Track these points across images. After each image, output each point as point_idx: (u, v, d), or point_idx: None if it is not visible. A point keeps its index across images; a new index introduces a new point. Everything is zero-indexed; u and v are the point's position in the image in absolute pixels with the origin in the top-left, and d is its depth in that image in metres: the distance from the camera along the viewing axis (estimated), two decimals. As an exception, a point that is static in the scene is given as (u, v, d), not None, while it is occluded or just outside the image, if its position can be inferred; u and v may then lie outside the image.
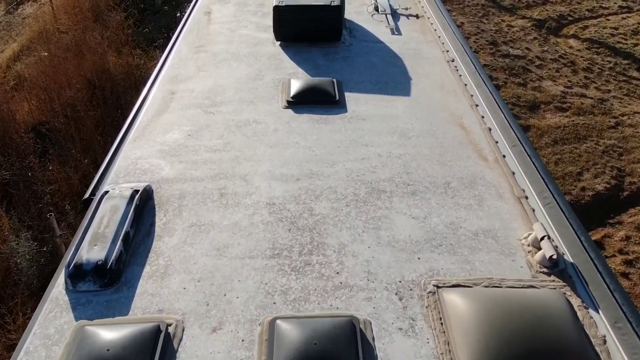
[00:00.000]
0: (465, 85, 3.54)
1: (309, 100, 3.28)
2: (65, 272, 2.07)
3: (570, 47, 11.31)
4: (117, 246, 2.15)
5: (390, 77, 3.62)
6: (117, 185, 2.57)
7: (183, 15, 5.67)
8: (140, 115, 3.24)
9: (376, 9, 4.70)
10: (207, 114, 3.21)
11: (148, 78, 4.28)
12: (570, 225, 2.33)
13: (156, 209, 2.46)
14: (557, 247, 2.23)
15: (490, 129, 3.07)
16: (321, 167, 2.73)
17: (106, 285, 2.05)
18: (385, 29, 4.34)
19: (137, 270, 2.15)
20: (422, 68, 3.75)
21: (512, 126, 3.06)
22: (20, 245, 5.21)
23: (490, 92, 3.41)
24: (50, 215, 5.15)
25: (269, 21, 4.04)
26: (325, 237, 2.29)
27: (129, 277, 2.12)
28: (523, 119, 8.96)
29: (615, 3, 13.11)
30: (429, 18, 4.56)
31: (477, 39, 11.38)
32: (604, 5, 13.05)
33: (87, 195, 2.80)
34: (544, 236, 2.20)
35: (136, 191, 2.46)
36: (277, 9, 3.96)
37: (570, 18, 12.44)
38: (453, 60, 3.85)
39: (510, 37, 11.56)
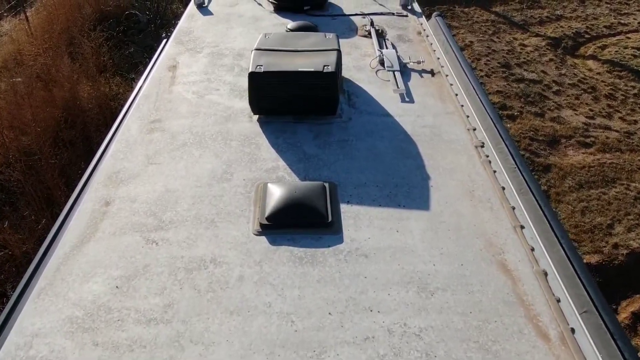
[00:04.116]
0: (503, 189, 2.62)
1: (291, 223, 2.37)
2: None
3: (590, 70, 10.42)
4: None
5: (402, 175, 2.71)
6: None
7: (170, 34, 4.77)
8: (56, 245, 2.34)
9: (381, 63, 3.78)
10: (149, 245, 2.30)
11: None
12: None
13: None
14: None
15: (546, 274, 2.16)
16: (303, 358, 1.82)
17: None
18: (394, 93, 3.43)
19: None
20: (443, 159, 2.83)
21: (578, 269, 2.15)
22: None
23: (539, 203, 2.50)
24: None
25: (246, 81, 3.12)
26: None
27: None
28: (542, 156, 8.07)
29: (635, 19, 12.22)
30: (447, 76, 3.65)
31: (488, 60, 10.50)
32: (622, 22, 12.16)
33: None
34: None
35: None
36: (253, 76, 3.04)
37: (587, 36, 11.56)
38: (483, 145, 2.94)
39: (524, 58, 10.67)
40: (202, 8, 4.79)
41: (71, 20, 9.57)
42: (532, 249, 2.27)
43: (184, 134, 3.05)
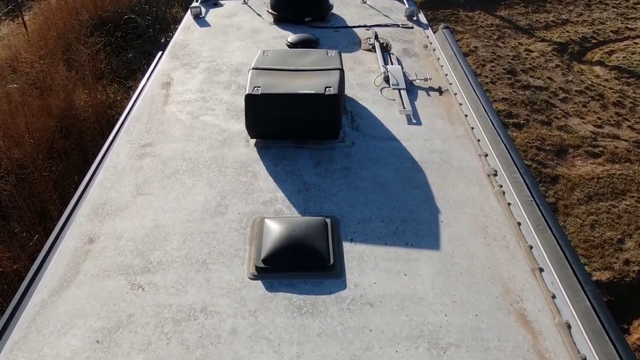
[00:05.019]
0: (519, 224, 2.43)
1: (290, 265, 2.18)
2: None
3: (597, 77, 10.21)
4: None
5: (410, 209, 2.52)
6: None
7: (168, 41, 4.59)
8: (34, 289, 2.15)
9: (386, 80, 3.58)
10: (134, 291, 2.11)
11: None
12: None
13: None
14: None
15: (569, 326, 1.97)
16: None
17: None
18: (400, 115, 3.24)
19: None
20: (453, 189, 2.64)
21: (604, 322, 1.95)
22: None
23: (558, 242, 2.31)
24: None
25: (243, 100, 2.92)
26: None
27: None
28: (550, 167, 7.87)
29: (642, 24, 12.00)
30: (456, 94, 3.45)
31: (493, 66, 10.30)
32: (630, 26, 11.95)
33: None
34: None
35: None
36: (250, 99, 2.85)
37: (594, 41, 11.35)
38: (495, 174, 2.74)
39: (530, 64, 10.47)
40: (199, 19, 4.61)
41: (68, 26, 9.40)
42: (553, 297, 2.08)
43: (176, 160, 2.86)
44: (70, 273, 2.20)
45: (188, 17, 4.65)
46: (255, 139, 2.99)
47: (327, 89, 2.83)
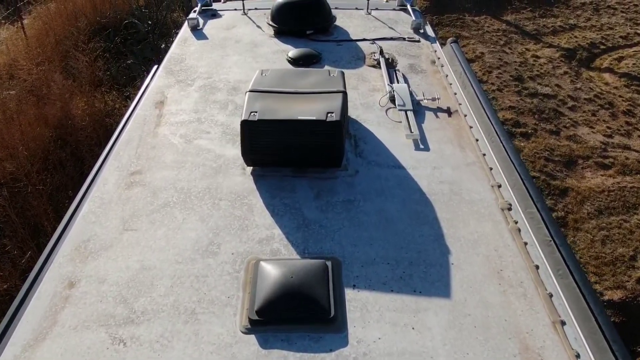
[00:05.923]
0: (537, 267, 2.23)
1: (286, 317, 1.99)
2: None
3: (606, 84, 9.98)
4: None
5: (417, 248, 2.32)
6: None
7: (168, 47, 4.41)
8: (7, 341, 1.96)
9: (392, 100, 3.39)
10: (114, 346, 1.92)
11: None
12: None
13: None
14: None
15: None
16: None
17: None
18: (407, 140, 3.04)
19: None
20: (464, 227, 2.44)
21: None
22: None
23: (581, 291, 2.11)
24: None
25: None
26: None
27: None
28: (559, 179, 7.66)
29: (652, 29, 11.76)
30: (465, 115, 3.25)
31: (500, 73, 10.09)
32: (639, 32, 11.71)
33: None
34: None
35: None
36: (246, 125, 2.66)
37: (602, 47, 11.12)
38: (510, 208, 2.54)
39: (537, 70, 10.25)
40: (197, 31, 4.42)
41: (67, 31, 9.23)
42: (577, 356, 1.88)
43: (166, 191, 2.66)
44: (46, 323, 2.01)
45: (185, 29, 4.46)
46: (251, 167, 2.80)
47: (329, 114, 2.64)
